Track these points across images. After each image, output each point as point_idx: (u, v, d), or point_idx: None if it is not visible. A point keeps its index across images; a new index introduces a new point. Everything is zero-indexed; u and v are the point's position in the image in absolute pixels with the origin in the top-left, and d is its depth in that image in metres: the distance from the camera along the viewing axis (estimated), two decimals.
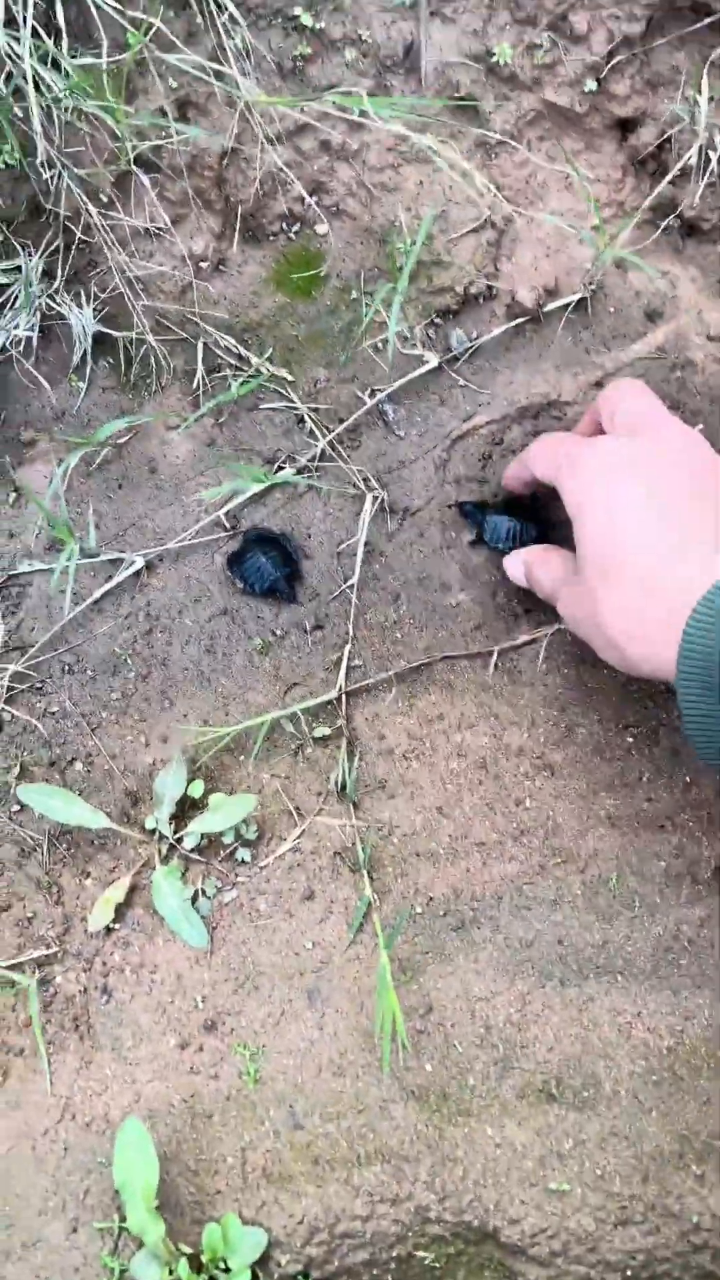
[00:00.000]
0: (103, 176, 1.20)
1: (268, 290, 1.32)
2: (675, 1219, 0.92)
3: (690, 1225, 0.93)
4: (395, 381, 1.30)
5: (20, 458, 1.33)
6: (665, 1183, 0.93)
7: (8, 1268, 0.98)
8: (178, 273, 1.28)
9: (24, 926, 1.15)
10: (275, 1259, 0.95)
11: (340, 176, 1.27)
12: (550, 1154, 0.95)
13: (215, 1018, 1.07)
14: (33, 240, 1.25)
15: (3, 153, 1.17)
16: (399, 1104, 0.99)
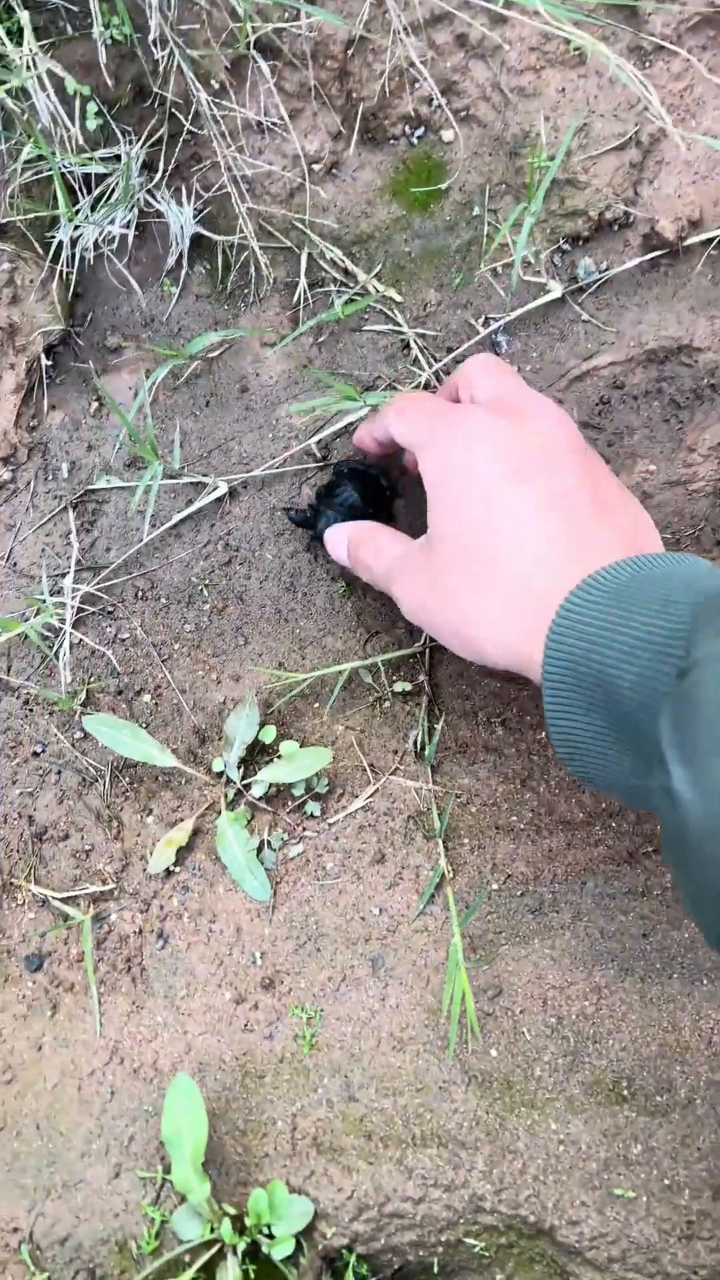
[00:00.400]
0: (217, 59, 1.10)
1: (382, 200, 1.22)
2: None
3: None
4: (513, 311, 1.20)
5: (105, 364, 1.26)
6: None
7: (47, 1204, 0.97)
8: (288, 173, 1.18)
9: (81, 858, 1.12)
10: (320, 1230, 0.93)
11: (475, 77, 1.15)
12: (616, 1157, 0.91)
13: (273, 976, 1.03)
14: (135, 127, 1.16)
15: (111, 25, 1.07)
16: (460, 1087, 0.96)
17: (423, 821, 1.07)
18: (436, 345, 1.23)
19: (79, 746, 1.16)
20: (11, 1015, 1.06)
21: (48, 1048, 1.04)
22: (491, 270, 1.20)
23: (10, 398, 1.23)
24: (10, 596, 1.21)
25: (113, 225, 1.18)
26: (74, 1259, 0.96)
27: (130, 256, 1.24)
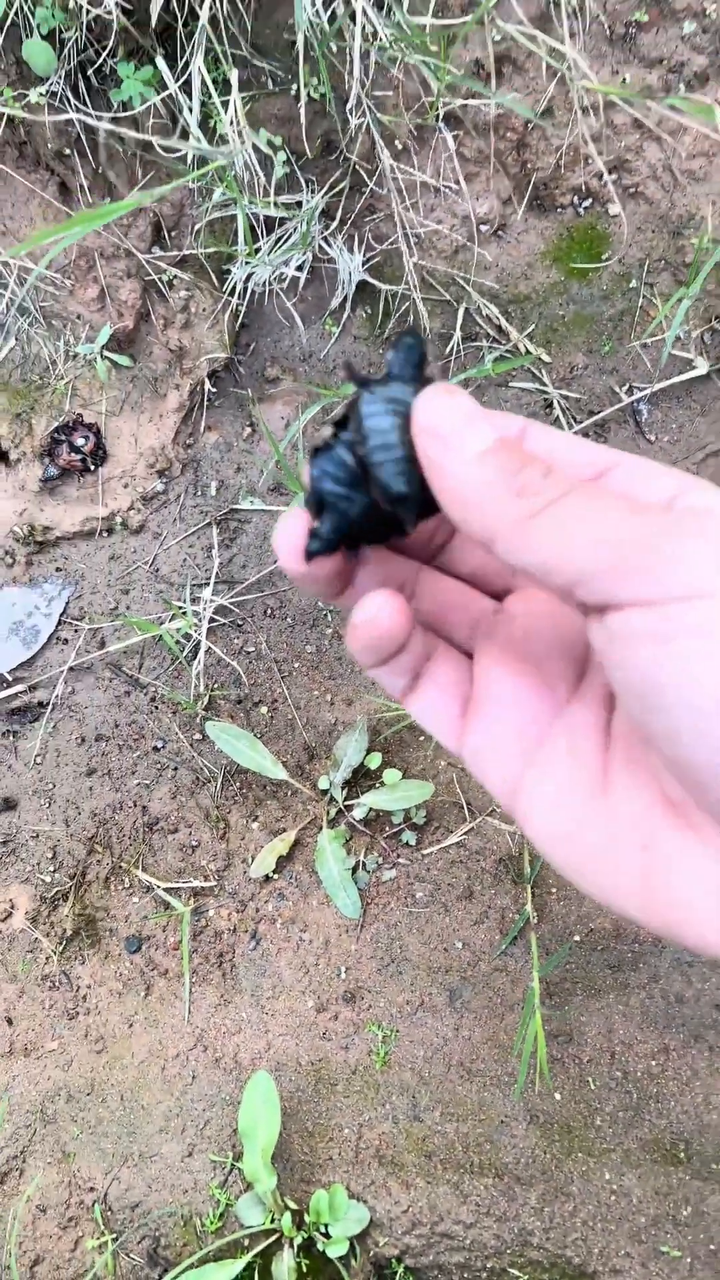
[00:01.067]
0: (404, 125, 1.18)
1: (543, 264, 1.29)
2: None
3: None
4: (659, 382, 1.26)
5: (262, 393, 1.36)
6: None
7: (124, 1170, 1.06)
8: (455, 233, 1.26)
9: (187, 853, 1.21)
10: (373, 1237, 1.00)
11: (647, 157, 1.21)
12: (666, 1216, 0.96)
13: (355, 991, 1.11)
14: (318, 178, 1.25)
15: (310, 86, 1.16)
16: (522, 1124, 1.01)
17: (513, 865, 1.13)
18: (579, 407, 1.29)
19: (196, 747, 1.25)
20: (108, 990, 1.15)
21: (138, 1026, 1.13)
22: (642, 343, 1.26)
23: (172, 415, 1.33)
24: (150, 599, 1.31)
25: (286, 266, 1.27)
26: (141, 1225, 1.04)
27: (298, 295, 1.33)
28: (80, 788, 1.26)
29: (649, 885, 0.44)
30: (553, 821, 0.48)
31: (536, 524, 0.41)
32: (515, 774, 0.50)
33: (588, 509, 0.41)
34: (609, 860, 0.45)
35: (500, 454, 0.43)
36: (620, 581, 0.39)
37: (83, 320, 1.31)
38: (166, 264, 1.28)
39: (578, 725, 0.49)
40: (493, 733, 0.50)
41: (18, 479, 1.32)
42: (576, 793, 0.47)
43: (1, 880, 1.23)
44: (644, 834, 0.44)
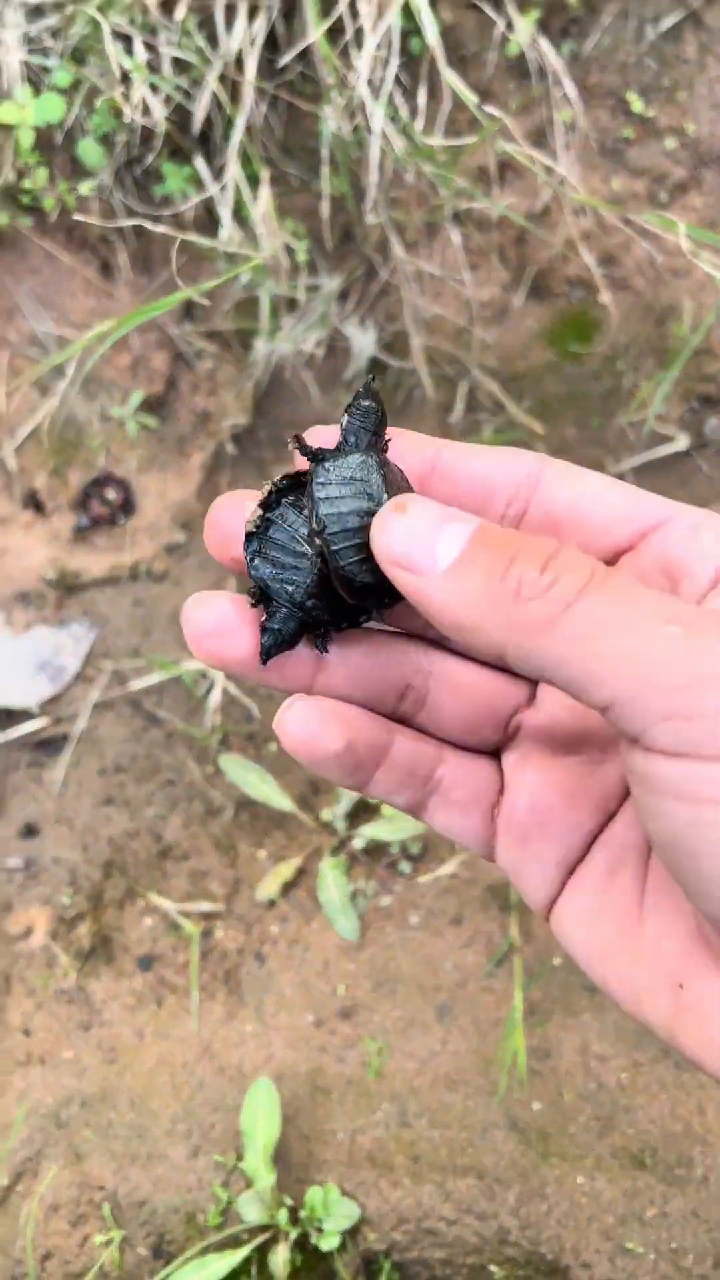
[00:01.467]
0: (415, 222, 1.33)
1: (539, 346, 1.43)
2: None
3: None
4: (642, 455, 1.39)
5: (280, 456, 1.49)
6: None
7: (132, 1171, 1.15)
8: (459, 317, 1.40)
9: (197, 878, 1.31)
10: (364, 1233, 1.09)
11: (634, 253, 1.36)
12: (632, 1216, 1.05)
13: (352, 1007, 1.21)
14: (336, 265, 1.40)
15: (332, 185, 1.31)
16: (502, 1131, 1.11)
17: (499, 894, 1.24)
18: None
19: (209, 780, 1.36)
20: (121, 1004, 1.25)
21: (149, 1037, 1.23)
22: (628, 419, 1.40)
23: (196, 473, 1.46)
24: (169, 642, 1.43)
25: (305, 343, 1.41)
26: (147, 1222, 1.13)
27: (315, 368, 1.47)
28: (99, 816, 1.37)
29: (680, 1021, 0.43)
30: (588, 940, 0.46)
31: (551, 638, 0.36)
32: (553, 887, 0.47)
33: (612, 614, 0.36)
34: (641, 988, 0.44)
35: (480, 554, 0.38)
36: (654, 720, 0.35)
37: (117, 385, 1.45)
38: (196, 337, 1.43)
39: (617, 845, 0.46)
40: (531, 846, 0.47)
41: (51, 528, 1.45)
42: (612, 916, 0.45)
43: (23, 901, 1.34)
44: (678, 972, 0.43)
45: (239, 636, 0.45)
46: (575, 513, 0.44)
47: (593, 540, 0.44)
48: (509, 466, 0.45)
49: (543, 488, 0.45)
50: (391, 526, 0.40)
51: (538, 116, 1.28)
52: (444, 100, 1.23)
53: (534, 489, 0.45)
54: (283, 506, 0.45)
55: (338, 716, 0.45)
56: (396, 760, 0.47)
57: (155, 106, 1.18)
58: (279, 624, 0.44)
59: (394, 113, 1.18)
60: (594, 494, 0.44)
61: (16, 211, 1.33)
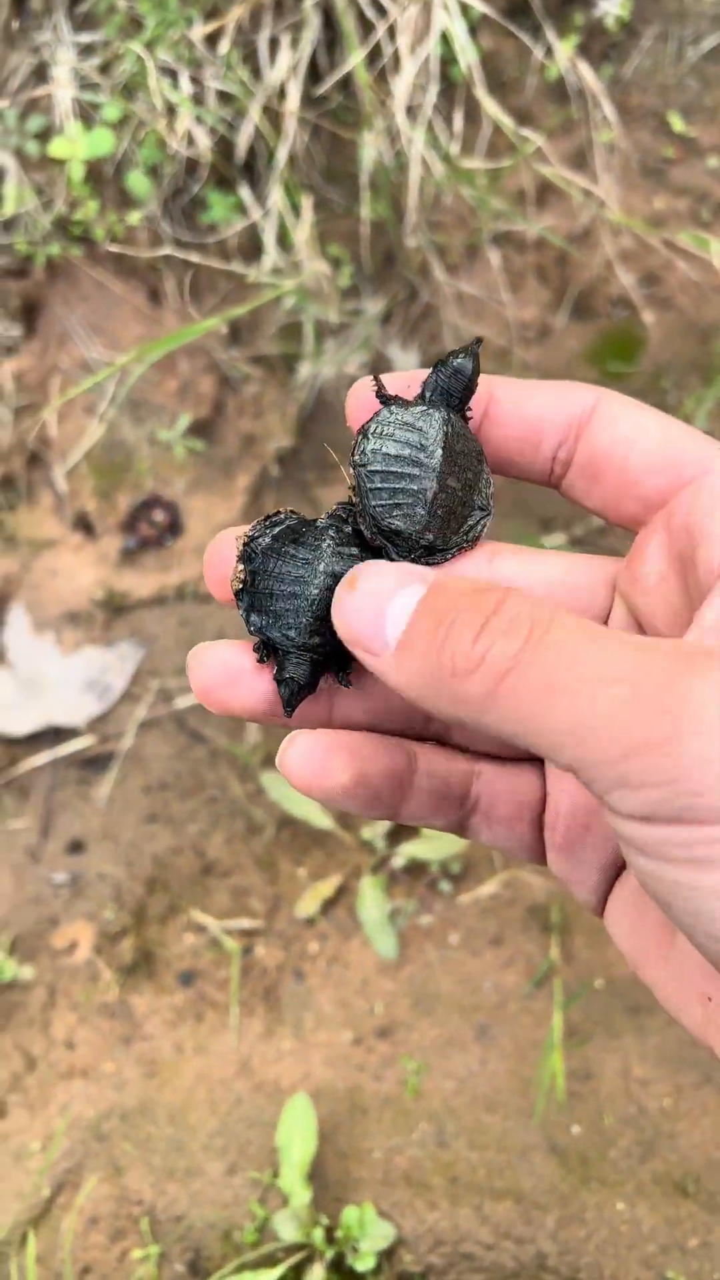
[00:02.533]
0: (455, 245, 1.36)
1: (581, 365, 1.44)
2: None
3: None
4: None
5: (323, 477, 1.52)
6: None
7: (169, 1185, 1.17)
8: (501, 338, 1.42)
9: (239, 895, 1.33)
10: (400, 1254, 1.09)
11: (677, 272, 1.37)
12: (674, 1245, 1.03)
13: (390, 1026, 1.21)
14: (378, 288, 1.43)
15: (373, 210, 1.34)
16: (541, 1154, 1.10)
17: (541, 915, 1.24)
18: None
19: (251, 798, 1.38)
20: (161, 1019, 1.27)
21: (188, 1052, 1.24)
22: None
23: (241, 495, 1.50)
24: None
25: (348, 365, 1.45)
26: (184, 1237, 1.14)
27: None
28: (143, 833, 1.39)
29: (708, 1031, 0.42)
30: (632, 945, 0.46)
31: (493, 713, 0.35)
32: (600, 891, 0.47)
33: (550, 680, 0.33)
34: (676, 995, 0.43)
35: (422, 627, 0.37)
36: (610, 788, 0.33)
37: (165, 409, 1.50)
38: (241, 362, 1.47)
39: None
40: (575, 852, 0.46)
41: (100, 550, 1.50)
42: (649, 926, 0.45)
43: (69, 916, 1.37)
44: (706, 987, 0.42)
45: (246, 683, 0.44)
46: (613, 460, 0.42)
47: (627, 491, 0.42)
48: (562, 404, 0.42)
49: (591, 428, 0.42)
50: (344, 604, 0.39)
51: (578, 139, 1.31)
52: (483, 125, 1.26)
53: (586, 423, 0.42)
54: (262, 556, 0.44)
55: (344, 748, 0.43)
56: (424, 785, 0.46)
57: (200, 137, 1.23)
58: (291, 672, 0.43)
59: (433, 138, 1.21)
60: (636, 438, 0.41)
61: (68, 243, 1.38)
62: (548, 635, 0.34)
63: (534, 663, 0.34)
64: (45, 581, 1.48)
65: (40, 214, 1.33)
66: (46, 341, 1.49)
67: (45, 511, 1.51)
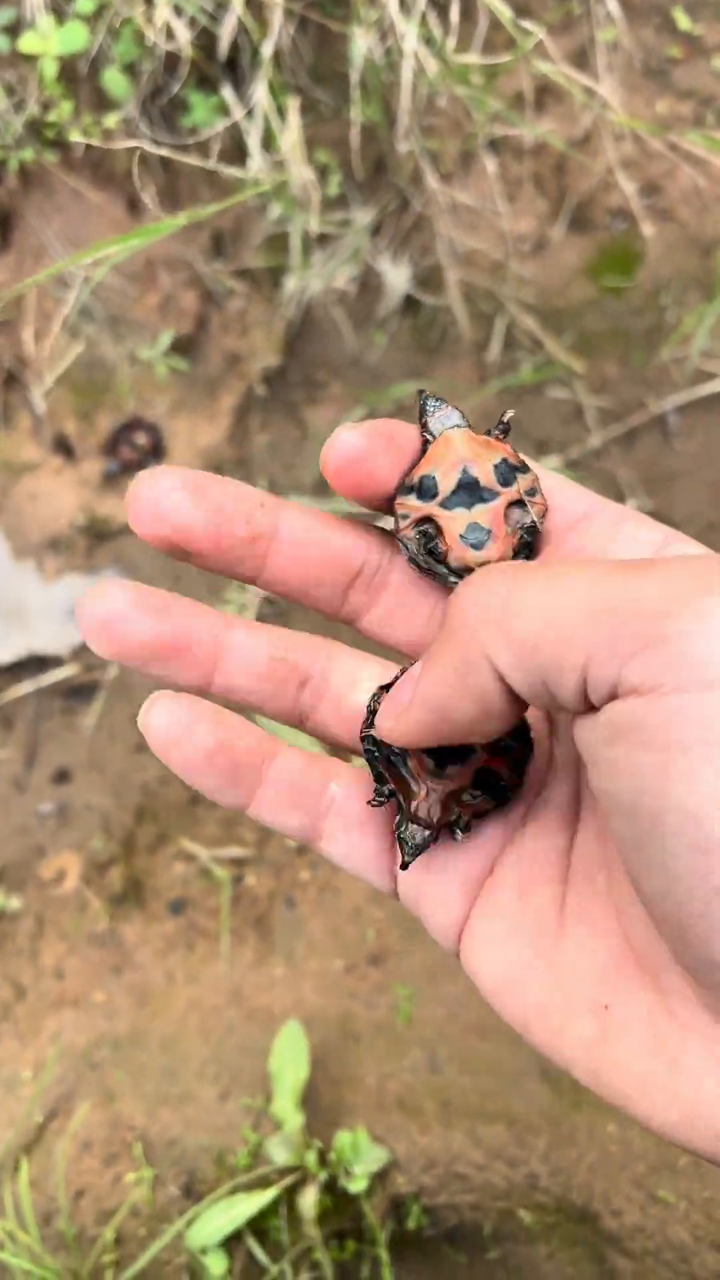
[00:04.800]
0: (450, 150, 1.30)
1: (579, 280, 1.39)
2: None
3: None
4: (685, 394, 1.36)
5: (311, 397, 1.47)
6: None
7: (163, 1111, 1.17)
8: (496, 250, 1.37)
9: (228, 824, 1.32)
10: (392, 1176, 1.10)
11: (679, 181, 1.32)
12: (664, 1165, 1.05)
13: (381, 953, 1.21)
14: (368, 198, 1.37)
15: (363, 112, 1.28)
16: (532, 1079, 1.11)
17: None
18: (610, 416, 1.39)
19: None
20: (152, 949, 1.27)
21: (179, 981, 1.24)
22: (671, 356, 1.36)
23: (226, 416, 1.45)
24: (200, 588, 1.43)
25: (337, 279, 1.39)
26: (178, 1161, 1.15)
27: (347, 306, 1.44)
28: (131, 762, 1.38)
29: (602, 1049, 0.39)
30: (498, 967, 0.42)
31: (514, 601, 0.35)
32: (459, 915, 0.44)
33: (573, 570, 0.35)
34: (558, 1017, 0.40)
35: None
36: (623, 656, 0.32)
37: (145, 325, 1.44)
38: (225, 275, 1.41)
39: (529, 855, 0.43)
40: (431, 871, 0.44)
41: (80, 474, 1.45)
42: (525, 939, 0.42)
43: (56, 847, 1.35)
44: (602, 993, 0.39)
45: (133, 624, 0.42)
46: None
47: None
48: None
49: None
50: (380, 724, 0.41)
51: (578, 36, 1.24)
52: (479, 19, 1.19)
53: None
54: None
55: (209, 717, 0.43)
56: (283, 773, 0.45)
57: (180, 31, 1.16)
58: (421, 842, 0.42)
59: (427, 33, 1.15)
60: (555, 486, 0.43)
61: (41, 147, 1.31)
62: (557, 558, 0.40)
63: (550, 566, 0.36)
64: (25, 506, 1.44)
65: (12, 116, 1.26)
66: (21, 255, 1.43)
67: (23, 434, 1.46)
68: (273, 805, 0.44)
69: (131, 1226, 1.15)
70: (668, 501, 1.35)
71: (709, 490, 1.35)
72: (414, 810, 0.42)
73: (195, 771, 0.42)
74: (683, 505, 1.35)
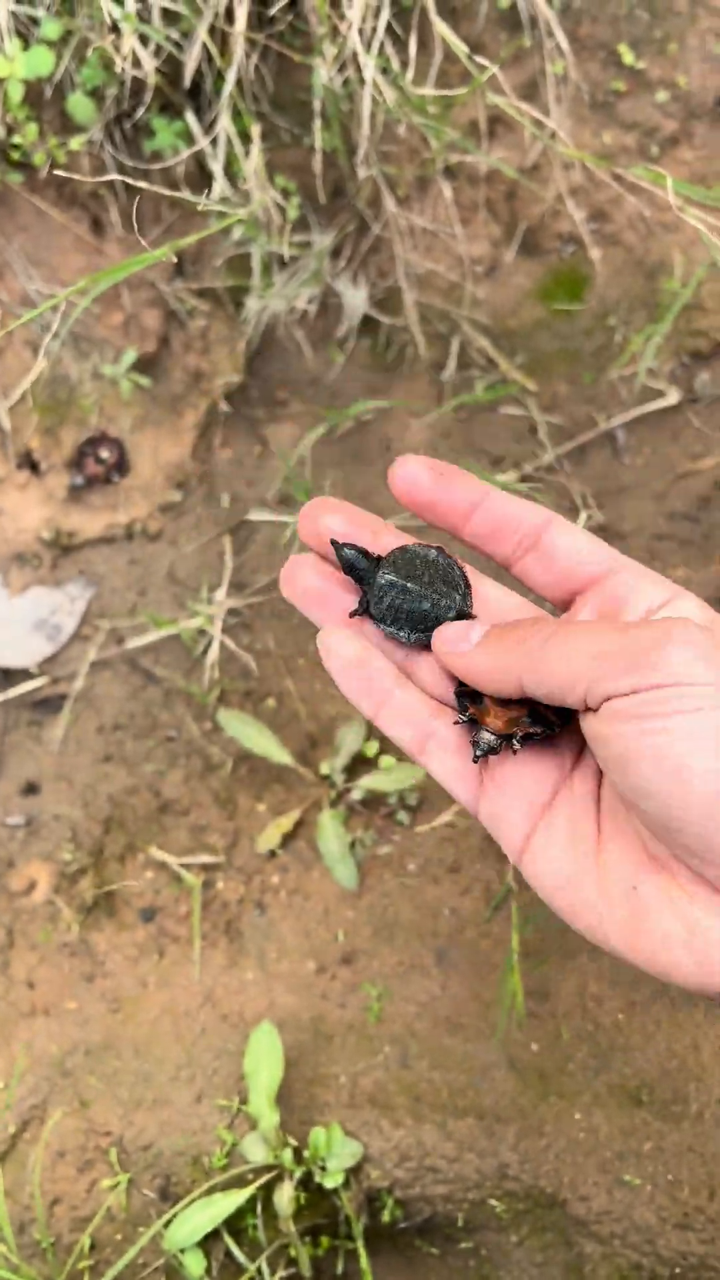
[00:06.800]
0: (407, 176, 1.32)
1: (530, 302, 1.42)
2: None
3: None
4: (633, 410, 1.39)
5: (273, 414, 1.48)
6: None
7: (138, 1115, 1.16)
8: (451, 273, 1.39)
9: (198, 832, 1.32)
10: (366, 1171, 1.10)
11: (625, 208, 1.35)
12: (629, 1151, 1.06)
13: (351, 953, 1.21)
14: (328, 221, 1.38)
15: (323, 139, 1.29)
16: (501, 1071, 1.12)
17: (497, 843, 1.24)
18: (561, 432, 1.41)
19: (207, 736, 1.36)
20: (123, 956, 1.26)
21: (152, 987, 1.23)
22: (619, 374, 1.39)
23: (189, 432, 1.45)
24: (166, 601, 1.42)
25: (298, 300, 1.40)
26: (153, 1165, 1.14)
27: (307, 325, 1.45)
28: (99, 773, 1.36)
29: (634, 923, 0.56)
30: (554, 873, 0.59)
31: (544, 653, 0.55)
32: (525, 835, 0.61)
33: (582, 633, 0.55)
34: (601, 904, 0.57)
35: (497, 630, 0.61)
36: (613, 680, 0.52)
37: (108, 344, 1.44)
38: (188, 295, 1.41)
39: (577, 795, 0.61)
40: (508, 800, 0.62)
41: (46, 488, 1.44)
42: (575, 850, 0.59)
43: (25, 858, 1.33)
44: (631, 880, 0.57)
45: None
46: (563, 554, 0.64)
47: (569, 574, 0.64)
48: (529, 513, 0.64)
49: (549, 533, 0.64)
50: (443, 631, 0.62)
51: (529, 69, 1.27)
52: (435, 52, 1.21)
53: (545, 530, 0.64)
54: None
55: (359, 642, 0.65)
56: (404, 699, 0.64)
57: (145, 58, 1.16)
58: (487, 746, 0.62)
59: (386, 63, 1.17)
60: (577, 544, 0.63)
61: (6, 168, 1.31)
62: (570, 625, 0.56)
63: (573, 626, 0.56)
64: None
65: None
66: None
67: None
68: (392, 719, 0.64)
69: (108, 1232, 1.14)
70: (618, 514, 1.38)
71: (656, 503, 1.38)
72: (486, 724, 0.61)
73: (342, 676, 0.63)
74: (632, 517, 1.38)
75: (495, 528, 0.65)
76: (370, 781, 1.27)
